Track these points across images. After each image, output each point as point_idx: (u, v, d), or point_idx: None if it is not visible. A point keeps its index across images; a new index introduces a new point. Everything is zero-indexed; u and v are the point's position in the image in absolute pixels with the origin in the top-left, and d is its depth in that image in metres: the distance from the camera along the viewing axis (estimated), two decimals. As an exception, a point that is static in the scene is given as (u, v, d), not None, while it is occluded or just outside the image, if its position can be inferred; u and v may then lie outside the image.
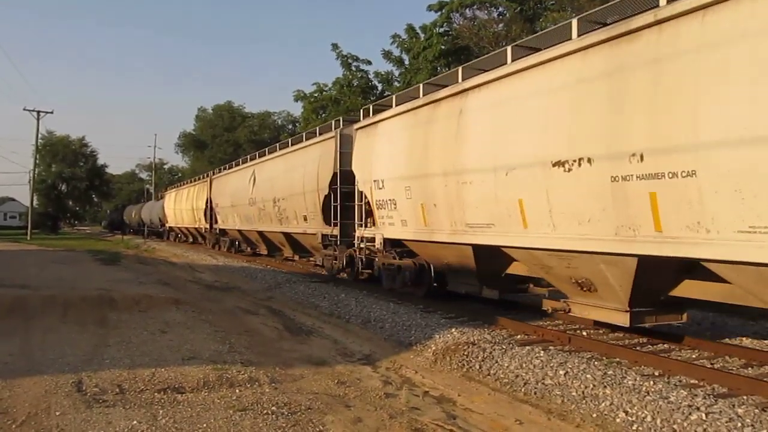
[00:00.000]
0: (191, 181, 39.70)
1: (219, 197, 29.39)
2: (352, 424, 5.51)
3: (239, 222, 25.85)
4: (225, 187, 28.34)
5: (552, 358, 7.54)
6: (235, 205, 26.10)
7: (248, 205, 23.51)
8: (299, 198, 18.05)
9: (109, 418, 5.45)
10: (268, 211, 21.01)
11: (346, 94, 34.27)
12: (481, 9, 29.94)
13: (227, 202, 27.64)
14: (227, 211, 27.85)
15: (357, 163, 14.28)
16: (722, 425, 5.33)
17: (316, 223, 17.00)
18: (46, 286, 14.55)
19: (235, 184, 26.08)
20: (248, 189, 23.53)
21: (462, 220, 10.17)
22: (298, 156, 18.96)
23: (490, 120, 9.52)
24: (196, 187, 35.97)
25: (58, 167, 69.81)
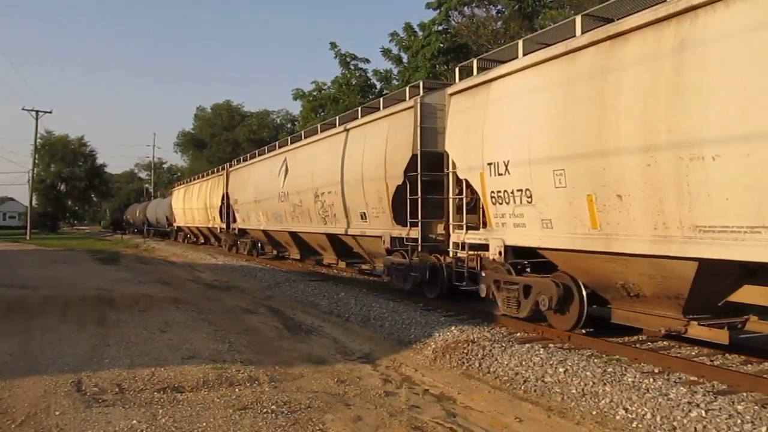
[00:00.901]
0: (203, 175, 35.64)
1: (238, 192, 25.74)
2: (352, 423, 5.51)
3: (265, 221, 21.97)
4: (246, 181, 24.46)
5: (552, 356, 7.54)
6: (259, 201, 22.33)
7: (277, 201, 19.84)
8: (355, 190, 14.20)
9: (108, 418, 5.45)
10: (306, 208, 17.42)
11: (344, 93, 34.27)
12: (479, 7, 30.01)
13: (249, 198, 23.86)
14: (249, 208, 23.97)
15: (454, 140, 10.64)
16: (722, 422, 5.33)
17: (381, 223, 13.33)
18: (46, 285, 14.55)
19: (260, 177, 22.27)
20: (278, 181, 19.72)
21: (686, 219, 6.47)
22: (353, 136, 14.88)
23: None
24: (209, 182, 32.14)
25: (57, 167, 69.84)
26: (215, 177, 31.07)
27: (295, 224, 18.77)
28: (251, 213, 23.70)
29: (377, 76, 34.27)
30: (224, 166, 29.63)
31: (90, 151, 74.01)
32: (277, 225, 20.55)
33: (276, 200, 19.99)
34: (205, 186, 33.09)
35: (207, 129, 66.02)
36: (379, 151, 13.09)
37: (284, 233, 20.41)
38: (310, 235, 18.26)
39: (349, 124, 15.27)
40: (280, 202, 19.49)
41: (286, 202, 18.98)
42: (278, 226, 20.45)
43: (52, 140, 69.59)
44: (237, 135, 62.64)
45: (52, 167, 69.90)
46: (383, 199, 12.95)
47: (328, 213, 15.88)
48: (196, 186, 35.88)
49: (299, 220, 18.20)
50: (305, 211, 17.53)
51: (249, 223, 24.34)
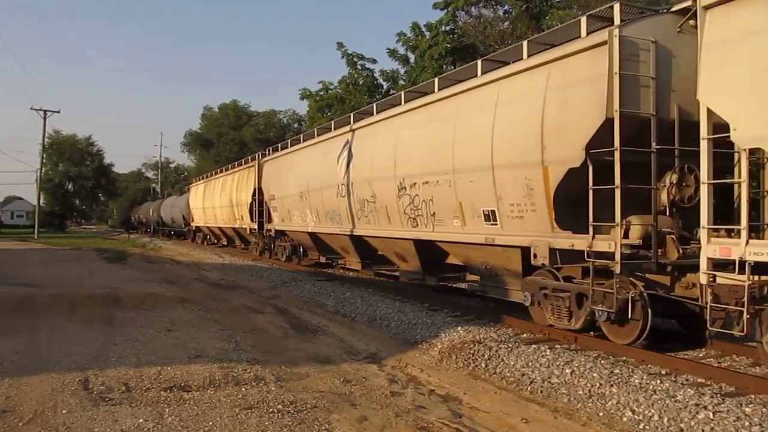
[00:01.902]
0: (227, 168, 31.62)
1: (275, 186, 21.49)
2: (357, 423, 5.51)
3: (314, 221, 17.93)
4: (286, 172, 20.19)
5: (558, 357, 7.52)
6: (306, 196, 18.13)
7: (335, 196, 15.81)
8: (478, 179, 9.99)
9: (115, 416, 5.47)
10: (383, 204, 13.33)
11: (351, 93, 34.28)
12: (486, 7, 29.92)
13: (290, 193, 19.58)
14: (290, 204, 19.66)
15: (725, 85, 6.69)
16: (729, 424, 5.30)
17: (528, 226, 9.20)
18: (53, 284, 14.62)
19: (307, 166, 18.25)
20: (335, 170, 15.67)
21: None
22: (471, 103, 10.39)
23: None
24: (235, 176, 28.05)
25: (65, 166, 70.03)
26: (243, 169, 26.81)
27: (362, 225, 14.68)
28: (294, 211, 19.55)
29: (384, 76, 34.29)
30: (255, 156, 25.75)
31: (97, 151, 74.17)
32: (333, 226, 16.54)
33: (332, 195, 15.98)
34: (230, 180, 28.80)
35: (214, 129, 66.11)
36: (530, 120, 8.88)
37: (342, 237, 16.18)
38: (386, 241, 13.96)
39: (463, 85, 10.75)
40: (339, 197, 15.50)
41: (347, 197, 14.96)
42: (334, 227, 16.46)
43: (60, 140, 69.74)
44: (244, 135, 62.69)
45: (59, 166, 70.07)
46: (536, 192, 8.88)
47: (421, 212, 11.84)
48: (218, 181, 31.49)
49: (370, 221, 14.13)
50: (380, 208, 13.46)
51: (290, 224, 20.23)
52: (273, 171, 22.19)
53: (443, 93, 11.41)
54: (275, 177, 21.68)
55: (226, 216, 29.47)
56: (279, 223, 21.77)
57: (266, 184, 22.99)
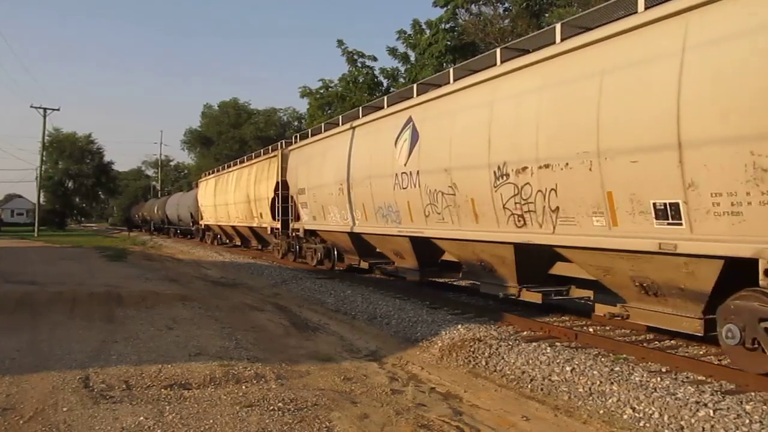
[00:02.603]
0: (242, 161, 28.40)
1: (304, 178, 18.17)
2: (358, 421, 5.51)
3: (358, 218, 14.66)
4: (319, 161, 17.00)
5: (559, 355, 7.52)
6: (347, 189, 14.85)
7: (392, 188, 12.59)
8: (658, 156, 6.90)
9: (116, 414, 5.47)
10: (467, 198, 10.29)
11: (351, 91, 34.28)
12: (486, 5, 29.94)
13: (325, 184, 16.40)
14: (326, 199, 16.40)
15: None
16: (730, 422, 5.30)
17: (760, 225, 6.02)
18: (54, 282, 14.64)
19: (351, 152, 14.75)
20: (393, 156, 12.52)
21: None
22: (641, 43, 7.14)
23: None
24: (253, 168, 25.08)
25: (65, 164, 70.07)
26: (263, 160, 23.85)
27: (432, 225, 11.48)
28: (330, 207, 16.25)
29: (384, 73, 34.28)
30: (279, 144, 22.60)
31: (97, 149, 74.18)
32: (387, 225, 13.23)
33: (386, 187, 12.83)
34: (246, 173, 25.83)
35: (214, 126, 66.17)
36: None
37: (399, 239, 12.95)
38: (466, 245, 10.84)
39: (614, 26, 7.57)
40: (397, 189, 12.40)
41: (411, 189, 11.86)
42: (388, 226, 13.15)
43: (60, 138, 69.77)
44: (244, 133, 62.75)
45: (59, 164, 70.12)
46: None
47: (533, 206, 8.86)
48: (232, 174, 28.50)
49: (444, 218, 11.02)
50: (462, 202, 10.39)
51: (325, 223, 16.86)
52: (302, 161, 18.55)
53: (575, 41, 8.13)
54: (305, 168, 18.17)
55: (242, 213, 26.49)
56: (310, 221, 18.20)
57: (293, 177, 19.34)
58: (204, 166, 65.37)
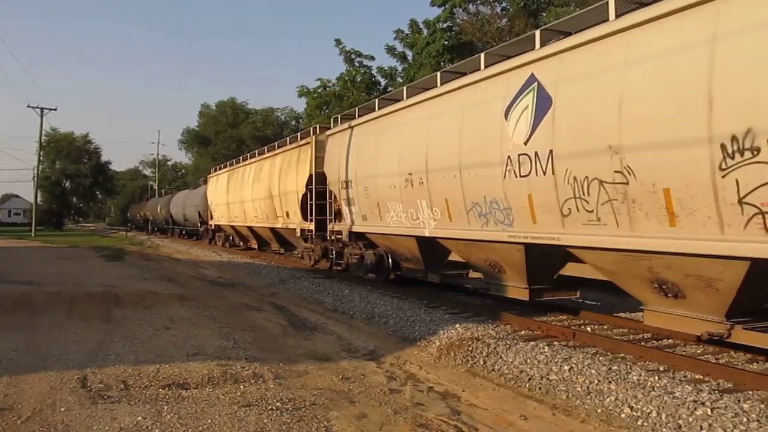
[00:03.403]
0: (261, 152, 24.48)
1: (350, 168, 14.66)
2: (356, 420, 5.51)
3: (435, 218, 11.29)
4: (374, 147, 13.50)
5: (556, 354, 7.53)
6: (418, 180, 11.55)
7: (499, 177, 9.34)
8: None
9: (113, 414, 5.46)
10: (653, 188, 6.92)
11: (349, 90, 34.28)
12: (484, 4, 29.92)
13: (382, 175, 12.99)
14: (384, 194, 13.01)
15: None
16: (728, 420, 5.31)
17: None
18: (51, 282, 14.62)
19: (422, 133, 11.51)
20: (497, 134, 9.33)
21: None
22: None
23: None
24: (277, 159, 21.21)
25: (62, 164, 69.89)
26: (291, 149, 20.00)
27: (576, 227, 8.12)
28: (391, 205, 12.76)
29: (382, 73, 34.29)
30: (311, 129, 19.04)
31: (95, 149, 73.95)
32: (487, 229, 9.86)
33: (492, 175, 9.43)
34: (268, 166, 22.13)
35: (211, 126, 66.05)
36: None
37: (506, 247, 9.70)
38: (638, 261, 7.48)
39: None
40: (513, 177, 9.01)
41: (537, 177, 8.56)
42: (489, 230, 9.79)
43: (57, 137, 69.61)
44: (241, 132, 62.64)
45: (57, 164, 69.95)
46: None
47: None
48: (249, 168, 24.98)
49: (602, 217, 7.67)
50: (641, 194, 7.11)
51: (382, 224, 13.35)
52: (347, 147, 15.00)
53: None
54: (352, 155, 14.68)
55: (261, 212, 22.86)
56: (358, 222, 14.63)
57: (333, 168, 15.84)
58: (201, 165, 65.37)
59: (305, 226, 18.25)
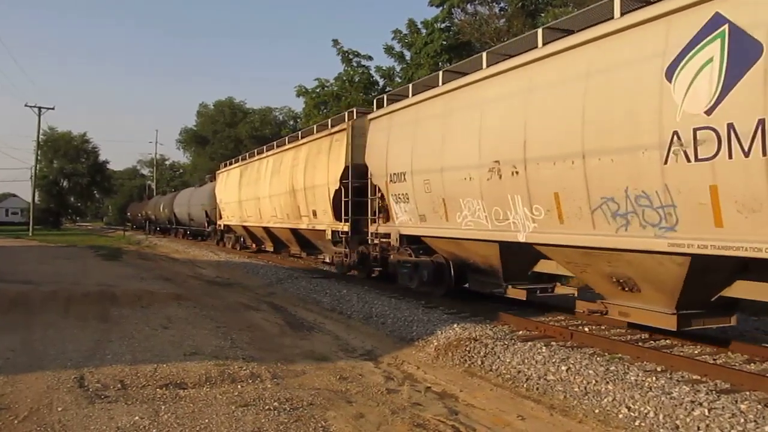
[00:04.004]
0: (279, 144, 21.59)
1: (403, 158, 12.16)
2: (354, 420, 5.51)
3: (559, 219, 8.37)
4: (438, 131, 11.03)
5: (554, 354, 7.53)
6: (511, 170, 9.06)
7: (662, 163, 6.72)
8: None
9: (111, 414, 5.45)
10: None
11: (347, 90, 34.26)
12: (482, 4, 29.92)
13: (449, 162, 10.59)
14: (451, 189, 10.61)
15: None
16: (725, 421, 5.32)
17: None
18: (48, 281, 14.59)
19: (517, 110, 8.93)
20: (652, 104, 6.79)
21: None
22: None
23: None
24: (302, 150, 18.20)
25: (60, 163, 69.80)
26: (321, 137, 16.97)
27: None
28: (465, 202, 10.27)
29: (380, 72, 34.30)
30: (346, 114, 15.99)
31: (92, 148, 73.89)
32: (627, 234, 7.42)
33: (645, 160, 6.98)
34: (291, 158, 19.15)
35: (209, 126, 65.98)
36: None
37: (658, 260, 7.19)
38: None
39: None
40: (684, 161, 6.54)
41: (731, 161, 6.10)
42: (632, 235, 7.35)
43: (55, 136, 69.56)
44: (239, 132, 62.59)
45: (54, 163, 69.89)
46: None
47: None
48: (267, 161, 22.04)
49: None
50: None
51: (449, 225, 10.89)
52: (399, 132, 12.49)
53: None
54: (407, 142, 12.04)
55: (281, 211, 19.95)
56: (414, 222, 12.08)
57: (378, 158, 13.29)
58: (199, 165, 65.31)
59: (338, 227, 15.46)
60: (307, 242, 19.20)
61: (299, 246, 20.16)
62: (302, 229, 18.43)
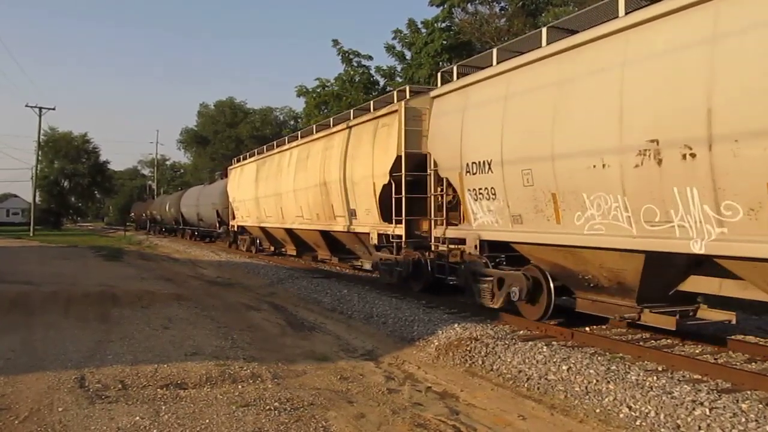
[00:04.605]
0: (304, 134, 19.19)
1: (486, 142, 9.61)
2: (354, 420, 5.50)
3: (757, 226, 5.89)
4: (561, 101, 8.14)
5: (555, 354, 7.52)
6: (707, 150, 6.22)
7: None
8: None
9: (111, 414, 5.45)
10: None
11: (348, 90, 34.26)
12: (482, 4, 29.92)
13: (585, 142, 7.69)
14: (576, 180, 7.91)
15: None
16: (726, 420, 5.31)
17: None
18: (49, 282, 14.60)
19: (706, 71, 6.18)
20: None
21: None
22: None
23: None
24: (336, 138, 15.81)
25: (61, 163, 69.83)
26: (363, 122, 14.46)
27: None
28: (586, 198, 7.82)
29: (380, 72, 34.30)
30: (398, 93, 13.70)
31: (93, 148, 73.91)
32: None
33: None
34: (319, 149, 16.87)
35: (210, 126, 66.09)
36: None
37: None
38: None
39: None
40: None
41: None
42: None
43: (56, 137, 69.58)
44: (240, 132, 62.69)
45: (55, 164, 69.91)
46: None
47: None
48: (289, 153, 19.61)
49: None
50: None
51: (566, 229, 8.26)
52: (471, 113, 10.15)
53: None
54: (485, 123, 9.75)
55: (309, 210, 17.41)
56: (503, 226, 9.59)
57: (447, 145, 10.87)
58: (200, 165, 65.36)
59: (388, 230, 13.06)
60: (340, 246, 16.98)
61: (329, 250, 17.89)
62: (336, 232, 16.00)
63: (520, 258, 9.75)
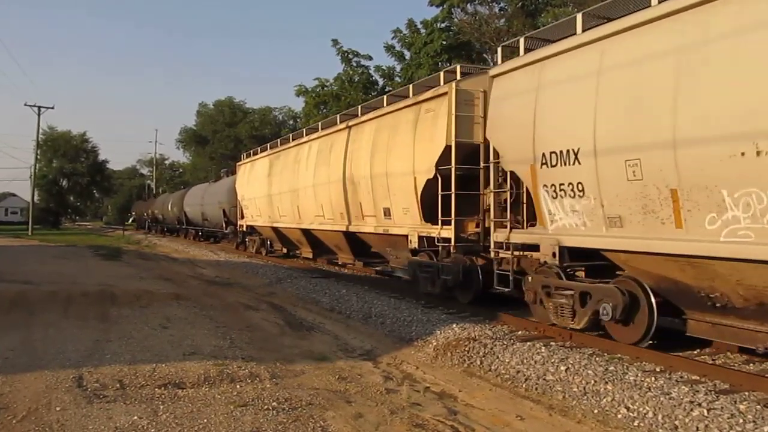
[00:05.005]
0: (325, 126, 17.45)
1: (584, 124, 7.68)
2: (353, 420, 5.51)
3: None
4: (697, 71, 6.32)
5: (553, 354, 7.52)
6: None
7: None
8: None
9: (109, 414, 5.45)
10: None
11: (347, 90, 34.29)
12: (482, 4, 29.95)
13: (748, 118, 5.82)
14: (721, 171, 6.10)
15: None
16: (724, 421, 5.31)
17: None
18: (48, 281, 14.59)
19: None
20: None
21: None
22: None
23: None
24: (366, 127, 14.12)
25: (60, 163, 69.77)
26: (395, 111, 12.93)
27: None
28: (726, 195, 6.12)
29: (380, 72, 34.33)
30: (444, 73, 11.92)
31: (92, 147, 73.88)
32: None
33: None
34: (341, 141, 15.29)
35: (209, 125, 66.04)
36: None
37: None
38: None
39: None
40: None
41: None
42: None
43: (55, 136, 69.55)
44: (239, 131, 62.65)
45: (54, 163, 69.86)
46: None
47: None
48: (307, 147, 17.91)
49: None
50: None
51: (693, 235, 6.54)
52: (548, 93, 8.49)
53: None
54: (568, 105, 8.11)
55: (331, 209, 15.80)
56: (590, 229, 8.02)
57: (513, 133, 9.21)
58: (199, 164, 65.31)
59: (432, 232, 11.45)
60: (366, 249, 15.40)
61: (353, 253, 16.25)
62: (365, 233, 14.32)
63: (604, 268, 8.27)
